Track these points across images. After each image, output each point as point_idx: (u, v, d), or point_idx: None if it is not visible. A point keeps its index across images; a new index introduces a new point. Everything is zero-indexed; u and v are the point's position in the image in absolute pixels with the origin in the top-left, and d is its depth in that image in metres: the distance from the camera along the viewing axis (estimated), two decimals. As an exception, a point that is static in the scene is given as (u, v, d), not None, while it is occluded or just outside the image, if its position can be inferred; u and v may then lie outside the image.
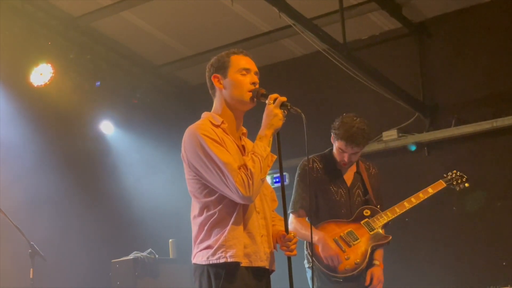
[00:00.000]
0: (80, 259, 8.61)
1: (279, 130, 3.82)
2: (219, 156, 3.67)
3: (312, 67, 9.39)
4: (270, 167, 3.80)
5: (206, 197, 3.79)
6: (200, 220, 3.81)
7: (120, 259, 8.02)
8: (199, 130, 3.77)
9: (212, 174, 3.69)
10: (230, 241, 3.72)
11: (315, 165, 5.40)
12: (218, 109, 3.97)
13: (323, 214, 5.31)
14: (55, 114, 9.06)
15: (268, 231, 3.92)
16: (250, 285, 3.76)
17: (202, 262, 3.76)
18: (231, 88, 3.91)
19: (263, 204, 3.94)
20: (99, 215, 9.27)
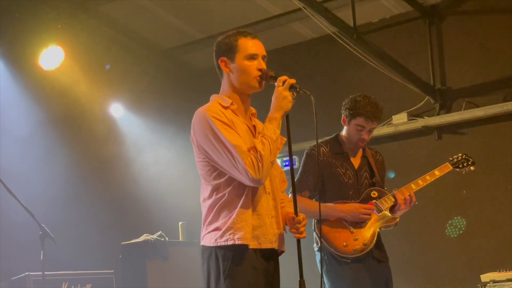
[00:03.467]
0: (90, 241, 8.65)
1: (288, 112, 3.81)
2: (228, 138, 3.67)
3: (322, 51, 9.37)
4: (279, 149, 3.80)
5: (216, 179, 3.79)
6: (210, 202, 3.82)
7: (130, 242, 8.05)
8: (208, 112, 3.76)
9: (221, 157, 3.69)
10: (238, 223, 3.72)
11: (321, 149, 5.40)
12: (226, 91, 3.96)
13: (330, 196, 5.30)
14: (65, 97, 9.08)
15: (277, 212, 3.92)
16: (258, 267, 3.77)
17: (210, 244, 3.77)
18: (238, 73, 3.89)
19: (273, 185, 3.94)
20: (109, 197, 9.31)
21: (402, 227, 5.46)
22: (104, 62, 9.33)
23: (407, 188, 5.34)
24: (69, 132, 8.92)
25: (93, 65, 9.14)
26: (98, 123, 9.57)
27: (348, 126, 5.37)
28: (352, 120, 5.31)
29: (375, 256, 5.27)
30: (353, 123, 5.32)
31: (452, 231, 8.20)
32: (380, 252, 5.34)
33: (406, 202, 5.27)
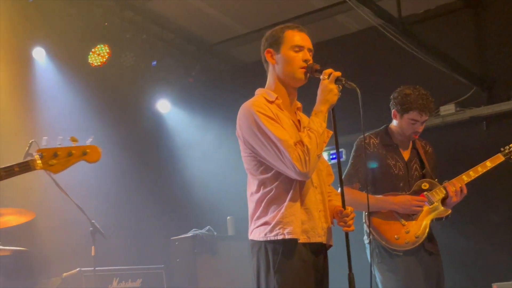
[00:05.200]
0: (139, 236, 8.75)
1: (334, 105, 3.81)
2: (274, 132, 3.68)
3: (367, 43, 9.30)
4: (326, 143, 3.80)
5: (263, 174, 3.81)
6: (257, 197, 3.83)
7: (179, 237, 8.11)
8: (253, 107, 3.78)
9: (268, 151, 3.70)
10: (287, 217, 3.73)
11: (371, 141, 5.37)
12: (271, 85, 3.98)
13: (380, 188, 5.27)
14: (113, 94, 9.19)
15: (325, 206, 3.92)
16: (308, 261, 3.78)
17: (260, 239, 3.79)
18: (283, 64, 3.91)
19: (320, 179, 3.94)
20: (158, 193, 9.39)
21: (454, 219, 5.39)
22: (150, 58, 9.40)
23: (458, 179, 5.28)
24: (117, 129, 9.00)
25: (139, 61, 9.22)
26: (145, 119, 9.66)
27: (400, 120, 5.31)
28: (405, 115, 5.26)
29: (426, 248, 5.23)
30: (405, 117, 5.27)
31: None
32: (432, 244, 5.29)
33: (457, 194, 5.21)
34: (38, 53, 8.72)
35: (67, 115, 8.62)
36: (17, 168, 3.38)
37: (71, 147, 3.50)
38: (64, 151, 3.47)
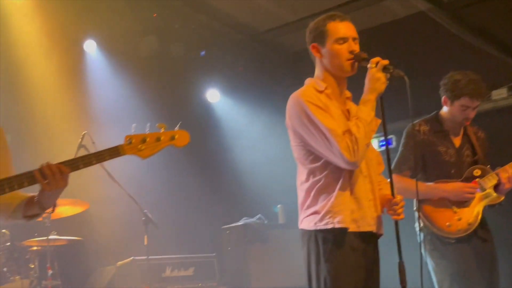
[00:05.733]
0: (191, 226, 8.82)
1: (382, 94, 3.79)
2: (323, 122, 3.69)
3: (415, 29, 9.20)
4: (374, 131, 3.79)
5: (312, 163, 3.82)
6: (307, 186, 3.85)
7: (230, 225, 8.16)
8: (303, 97, 3.79)
9: (317, 141, 3.72)
10: (337, 206, 3.74)
11: (421, 128, 5.33)
12: (320, 75, 3.98)
13: (432, 175, 5.22)
14: (162, 85, 9.27)
15: (374, 195, 3.92)
16: (358, 250, 3.79)
17: (310, 228, 3.81)
18: (329, 58, 3.90)
19: (369, 168, 3.94)
20: (209, 182, 9.45)
21: (507, 205, 5.33)
22: (199, 48, 9.46)
23: (511, 166, 5.22)
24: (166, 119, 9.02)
25: (188, 51, 9.28)
26: (194, 109, 9.72)
27: (451, 107, 5.24)
28: (456, 101, 5.19)
29: (479, 235, 5.18)
30: (457, 104, 5.20)
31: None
32: (485, 231, 5.23)
33: (510, 180, 5.15)
34: (89, 46, 8.85)
35: (118, 106, 8.73)
36: (106, 153, 3.42)
37: (160, 133, 3.58)
38: (152, 136, 3.55)
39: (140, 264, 7.24)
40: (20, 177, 3.27)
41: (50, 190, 3.28)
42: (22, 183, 3.27)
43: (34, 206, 3.46)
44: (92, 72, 9.00)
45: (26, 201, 3.49)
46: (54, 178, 3.26)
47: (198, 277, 7.72)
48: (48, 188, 3.27)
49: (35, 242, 6.98)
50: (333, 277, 3.71)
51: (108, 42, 8.83)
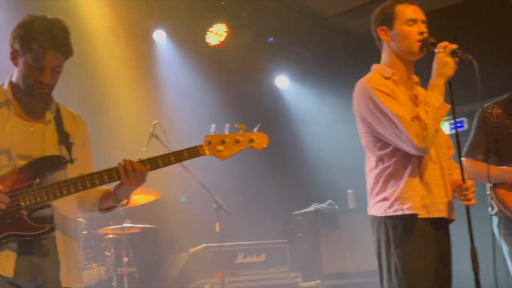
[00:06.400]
0: (261, 212, 8.87)
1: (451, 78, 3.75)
2: (391, 109, 3.67)
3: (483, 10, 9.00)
4: (443, 117, 3.75)
5: (380, 150, 3.81)
6: (375, 172, 3.84)
7: (301, 211, 8.18)
8: (369, 84, 3.78)
9: (385, 128, 3.70)
10: (406, 193, 3.72)
11: (494, 110, 5.21)
12: (387, 61, 3.95)
13: (505, 158, 5.12)
14: (231, 72, 9.33)
15: (445, 180, 3.88)
16: (429, 236, 3.76)
17: (379, 214, 3.80)
18: (399, 40, 3.88)
19: (439, 153, 3.90)
20: (279, 168, 9.49)
21: None
22: (267, 35, 9.47)
23: None
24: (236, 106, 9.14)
25: (256, 39, 9.31)
26: (264, 95, 9.75)
27: None
28: None
29: None
30: None
31: None
32: (563, 215, 5.12)
33: None
34: (158, 36, 8.97)
35: (187, 95, 8.84)
36: (186, 153, 3.52)
37: (238, 134, 3.62)
38: (231, 137, 3.60)
39: (212, 251, 7.33)
40: (101, 173, 3.39)
41: (129, 185, 3.41)
42: (103, 179, 3.39)
43: (109, 199, 3.58)
44: (162, 61, 9.14)
45: (102, 195, 3.61)
46: (135, 175, 3.38)
47: (270, 263, 7.78)
48: (128, 183, 3.40)
49: (110, 230, 7.14)
50: (403, 263, 3.70)
51: (177, 32, 8.94)
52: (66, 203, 3.45)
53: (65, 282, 3.42)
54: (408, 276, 3.69)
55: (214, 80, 9.18)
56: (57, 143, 3.49)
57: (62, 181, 3.34)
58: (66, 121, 3.58)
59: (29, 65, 3.35)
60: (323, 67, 9.94)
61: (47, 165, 3.38)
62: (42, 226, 3.29)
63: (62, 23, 3.45)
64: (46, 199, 3.30)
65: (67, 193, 3.33)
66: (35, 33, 3.33)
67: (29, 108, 3.48)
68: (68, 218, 3.49)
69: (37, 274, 3.33)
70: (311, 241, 7.87)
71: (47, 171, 3.37)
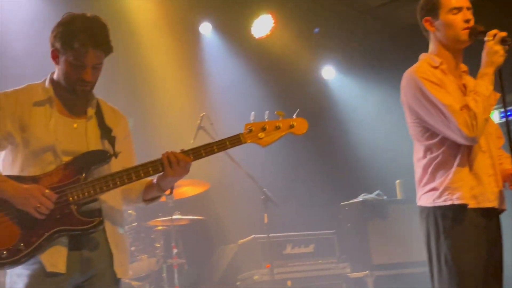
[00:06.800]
0: (309, 203, 8.87)
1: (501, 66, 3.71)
2: (439, 98, 3.64)
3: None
4: (493, 106, 3.72)
5: (428, 139, 3.79)
6: (424, 162, 3.82)
7: (349, 202, 8.15)
8: (417, 73, 3.75)
9: (433, 117, 3.68)
10: (455, 183, 3.70)
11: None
12: (434, 50, 3.92)
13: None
14: (276, 63, 9.33)
15: (495, 170, 3.84)
16: (479, 226, 3.72)
17: (428, 204, 3.78)
18: (445, 29, 3.84)
19: (489, 143, 3.86)
20: (326, 158, 9.47)
21: None
22: (312, 26, 9.45)
23: None
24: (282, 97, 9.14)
25: (302, 29, 9.29)
26: (310, 86, 9.74)
27: None
28: None
29: None
30: None
31: None
32: None
33: None
34: (204, 28, 9.01)
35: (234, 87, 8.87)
36: (228, 142, 3.56)
37: (278, 121, 3.64)
38: (271, 124, 3.62)
39: (261, 242, 7.34)
40: (146, 165, 3.45)
41: (174, 176, 3.46)
42: (148, 171, 3.44)
43: (153, 190, 3.63)
44: (208, 54, 9.18)
45: (146, 186, 3.66)
46: (179, 166, 3.42)
47: (318, 254, 7.78)
48: (172, 174, 3.44)
49: (159, 222, 7.21)
50: (453, 253, 3.68)
51: (222, 24, 8.97)
52: (112, 196, 3.51)
53: (120, 273, 3.49)
54: (459, 267, 3.67)
55: (260, 71, 9.20)
56: (100, 138, 3.54)
57: (108, 175, 3.40)
58: (107, 116, 3.63)
59: (70, 64, 3.40)
60: (369, 57, 9.88)
61: (92, 159, 3.44)
62: (92, 220, 3.34)
63: (101, 20, 3.49)
64: (93, 193, 3.35)
65: (113, 187, 3.39)
66: (76, 32, 3.37)
67: (71, 105, 3.54)
68: (115, 210, 3.55)
69: (88, 267, 3.39)
70: (359, 232, 7.84)
71: (92, 166, 3.43)
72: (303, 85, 9.61)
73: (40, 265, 3.29)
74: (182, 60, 8.89)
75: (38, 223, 3.27)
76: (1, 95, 3.47)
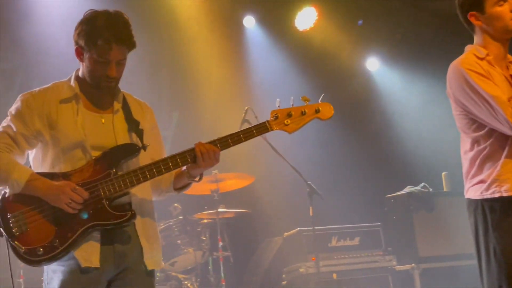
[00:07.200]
0: (355, 195, 8.85)
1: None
2: (486, 89, 3.60)
3: None
4: (541, 96, 3.67)
5: (475, 131, 3.75)
6: (471, 155, 3.79)
7: (394, 194, 8.10)
8: (463, 65, 3.71)
9: (480, 109, 3.64)
10: (504, 175, 3.65)
11: None
12: (480, 42, 3.87)
13: None
14: (320, 56, 9.32)
15: (544, 161, 3.79)
16: (528, 219, 3.69)
17: (476, 197, 3.75)
18: (493, 22, 3.79)
19: (538, 134, 3.81)
20: (370, 151, 9.44)
21: None
22: (356, 18, 9.41)
23: None
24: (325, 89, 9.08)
25: (346, 22, 9.26)
26: (354, 78, 9.70)
27: None
28: None
29: None
30: None
31: None
32: None
33: None
34: (248, 21, 9.04)
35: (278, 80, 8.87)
36: (254, 130, 3.61)
37: (304, 106, 3.67)
38: (297, 110, 3.65)
39: (306, 235, 7.35)
40: (174, 157, 3.50)
41: (206, 167, 3.52)
42: (177, 162, 3.49)
43: (183, 178, 3.67)
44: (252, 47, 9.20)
45: (175, 175, 3.71)
46: (209, 156, 3.47)
47: (364, 247, 7.75)
48: (204, 165, 3.50)
49: (205, 215, 7.26)
50: (502, 246, 3.64)
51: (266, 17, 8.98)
52: (141, 188, 3.55)
53: (150, 265, 3.53)
54: (508, 259, 3.63)
55: (304, 64, 9.20)
56: (127, 131, 3.59)
57: (138, 168, 3.45)
58: (133, 109, 3.67)
59: (95, 60, 3.44)
60: (414, 48, 9.79)
61: (121, 153, 3.49)
62: (124, 214, 3.39)
63: (124, 16, 3.52)
64: (124, 187, 3.40)
65: (143, 180, 3.44)
66: (99, 29, 3.41)
67: (97, 100, 3.59)
68: (145, 202, 3.58)
69: (121, 261, 3.45)
70: (405, 224, 7.79)
71: (121, 160, 3.48)
72: (347, 77, 9.58)
73: (75, 261, 3.35)
74: (226, 53, 8.92)
75: (72, 219, 3.33)
76: (28, 95, 3.54)
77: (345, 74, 9.60)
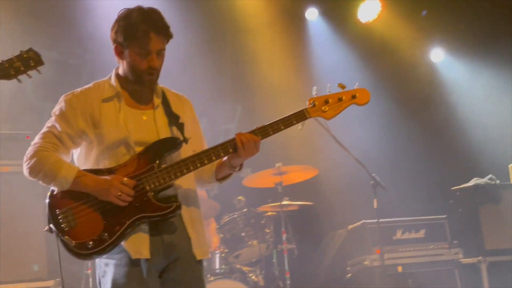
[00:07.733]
0: (419, 188, 8.77)
1: None
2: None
3: None
4: None
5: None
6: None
7: (460, 187, 8.01)
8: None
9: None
10: None
11: None
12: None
13: None
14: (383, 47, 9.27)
15: None
16: None
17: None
18: None
19: None
20: (436, 143, 9.34)
21: None
22: (420, 8, 9.32)
23: None
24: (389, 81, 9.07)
25: (409, 12, 9.19)
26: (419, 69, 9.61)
27: None
28: None
29: None
30: None
31: None
32: None
33: None
34: (311, 14, 9.05)
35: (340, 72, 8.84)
36: (293, 118, 3.62)
37: (341, 93, 3.68)
38: (334, 97, 3.67)
39: (371, 227, 7.32)
40: (216, 148, 3.54)
41: (246, 156, 3.55)
42: (219, 154, 3.54)
43: (224, 168, 3.72)
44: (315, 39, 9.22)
45: (217, 165, 3.76)
46: (249, 145, 3.51)
47: (429, 239, 7.68)
48: (244, 154, 3.54)
49: (269, 208, 7.29)
50: None
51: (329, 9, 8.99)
52: (185, 179, 3.59)
53: (199, 255, 3.57)
54: None
55: (367, 56, 9.16)
56: (168, 125, 3.63)
57: (180, 161, 3.50)
58: (173, 103, 3.71)
59: (136, 53, 3.51)
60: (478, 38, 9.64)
61: (164, 147, 3.54)
62: (170, 205, 3.44)
63: (157, 9, 3.56)
64: (168, 180, 3.45)
65: (186, 172, 3.49)
66: (136, 23, 3.48)
67: (138, 97, 3.64)
68: (190, 193, 3.63)
69: (171, 251, 3.50)
70: (471, 217, 7.70)
71: (164, 153, 3.53)
72: (411, 69, 9.50)
73: (125, 253, 3.42)
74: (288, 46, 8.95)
75: (119, 212, 3.40)
76: (71, 95, 3.61)
77: (410, 65, 9.51)
